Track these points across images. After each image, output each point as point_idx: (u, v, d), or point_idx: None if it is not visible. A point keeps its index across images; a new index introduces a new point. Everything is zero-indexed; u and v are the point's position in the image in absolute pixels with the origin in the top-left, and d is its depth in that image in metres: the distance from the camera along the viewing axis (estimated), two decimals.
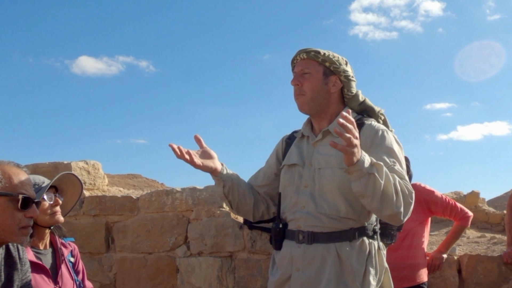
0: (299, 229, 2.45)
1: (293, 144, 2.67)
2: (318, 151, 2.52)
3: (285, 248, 2.51)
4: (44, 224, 2.41)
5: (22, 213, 1.79)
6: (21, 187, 1.80)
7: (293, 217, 2.49)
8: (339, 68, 2.52)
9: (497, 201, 17.44)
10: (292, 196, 2.52)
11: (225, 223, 3.88)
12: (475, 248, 6.87)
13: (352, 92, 2.58)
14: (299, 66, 2.56)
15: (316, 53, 2.53)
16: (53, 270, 2.42)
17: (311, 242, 2.40)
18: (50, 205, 2.41)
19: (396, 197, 2.20)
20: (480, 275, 3.62)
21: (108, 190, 4.76)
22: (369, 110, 2.60)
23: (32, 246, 2.38)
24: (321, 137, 2.53)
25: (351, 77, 2.57)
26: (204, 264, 3.88)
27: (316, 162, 2.50)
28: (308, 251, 2.40)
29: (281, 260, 2.51)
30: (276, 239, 2.54)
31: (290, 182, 2.56)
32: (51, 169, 4.31)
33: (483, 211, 12.39)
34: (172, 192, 4.11)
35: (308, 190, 2.47)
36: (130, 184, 17.81)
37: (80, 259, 2.67)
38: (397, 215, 2.24)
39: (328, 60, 2.52)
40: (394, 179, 2.22)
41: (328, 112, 2.56)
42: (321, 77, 2.52)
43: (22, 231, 1.81)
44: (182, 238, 4.03)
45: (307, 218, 2.43)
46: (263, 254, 3.79)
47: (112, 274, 4.20)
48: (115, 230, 4.22)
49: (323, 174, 2.44)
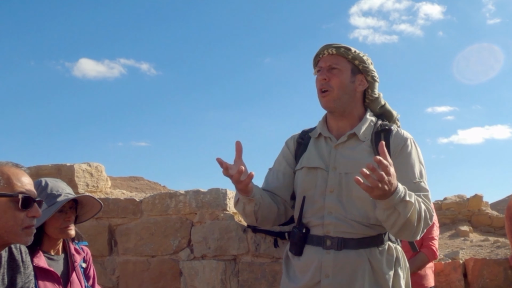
0: (327, 235, 2.38)
1: (310, 145, 2.57)
2: (342, 154, 2.44)
3: (309, 253, 2.42)
4: (54, 236, 2.39)
5: (24, 213, 1.78)
6: (21, 186, 1.78)
7: (319, 222, 2.41)
8: (368, 67, 2.47)
9: (499, 205, 17.43)
10: (317, 200, 2.44)
11: (229, 226, 3.86)
12: (479, 252, 6.85)
13: (375, 94, 2.53)
14: (326, 61, 2.48)
15: (346, 49, 2.46)
16: (64, 276, 2.40)
17: (340, 248, 2.34)
18: (63, 220, 2.39)
19: (417, 225, 2.19)
20: (486, 279, 3.59)
21: (111, 193, 4.73)
22: (387, 115, 2.56)
23: (44, 251, 2.36)
24: (346, 139, 2.45)
25: (376, 78, 2.52)
26: (207, 267, 3.86)
27: (341, 166, 2.42)
28: (339, 257, 2.34)
29: (305, 266, 2.42)
30: (298, 244, 2.45)
31: (312, 185, 2.47)
32: (53, 171, 4.29)
33: (486, 214, 12.39)
34: (175, 195, 4.08)
35: (335, 195, 2.40)
36: (132, 187, 17.80)
37: (92, 264, 2.65)
38: (412, 239, 2.29)
39: (358, 58, 2.46)
40: (420, 207, 2.19)
41: (352, 112, 2.50)
42: (349, 75, 2.45)
43: (25, 231, 1.80)
44: (186, 241, 4.01)
45: (337, 223, 2.37)
46: (267, 258, 3.77)
47: (115, 277, 4.18)
48: (118, 233, 4.20)
49: (351, 179, 2.32)
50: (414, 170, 2.32)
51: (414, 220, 2.15)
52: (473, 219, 11.71)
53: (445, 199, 12.62)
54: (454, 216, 11.92)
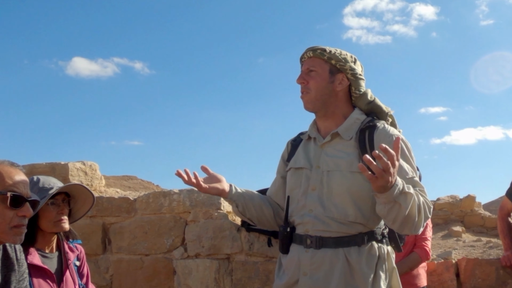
0: (307, 234, 2.41)
1: (299, 146, 2.63)
2: (326, 153, 2.48)
3: (292, 252, 2.47)
4: (48, 231, 2.38)
5: (13, 211, 1.77)
6: (12, 185, 1.78)
7: (300, 220, 2.45)
8: (345, 65, 2.48)
9: (492, 205, 17.51)
10: (300, 199, 2.48)
11: (223, 225, 3.86)
12: (471, 252, 6.89)
13: (360, 91, 2.53)
14: (305, 64, 2.54)
15: (322, 51, 2.49)
16: (58, 274, 2.39)
17: (319, 246, 2.37)
18: (56, 212, 2.38)
19: (418, 218, 2.19)
20: (478, 279, 3.61)
21: (105, 191, 4.73)
22: (377, 111, 2.55)
23: (38, 249, 2.35)
24: (330, 139, 2.49)
25: (358, 75, 2.52)
26: (201, 266, 3.86)
27: (324, 164, 2.46)
28: (316, 255, 2.37)
29: (288, 264, 2.48)
30: (283, 243, 2.51)
31: (297, 184, 2.52)
32: (48, 169, 4.28)
33: (479, 215, 12.41)
34: (169, 193, 4.09)
35: (316, 193, 2.43)
36: (125, 186, 17.78)
37: (85, 262, 2.65)
38: (414, 232, 2.27)
39: (334, 57, 2.48)
40: (419, 200, 2.19)
41: (335, 112, 2.52)
42: (327, 75, 2.49)
43: (14, 231, 1.78)
44: (179, 240, 4.01)
45: (315, 222, 2.40)
46: (260, 257, 3.78)
47: (108, 275, 4.18)
48: (112, 231, 4.20)
49: (332, 177, 2.40)
50: (403, 167, 2.31)
51: (415, 213, 2.15)
52: (466, 219, 11.75)
53: (438, 200, 12.66)
54: (447, 217, 11.95)
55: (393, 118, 2.60)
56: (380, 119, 2.54)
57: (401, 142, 2.38)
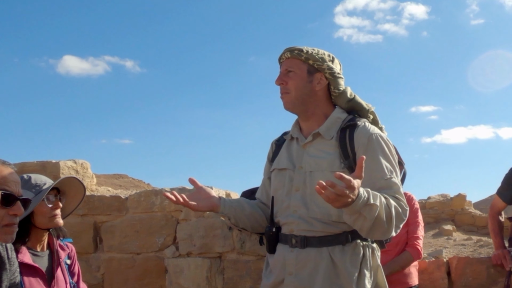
0: (292, 233, 2.43)
1: (283, 147, 2.64)
2: (308, 153, 2.49)
3: (278, 252, 2.49)
4: (42, 227, 2.37)
5: (4, 210, 1.75)
6: (3, 183, 1.76)
7: (285, 221, 2.47)
8: (323, 65, 2.49)
9: (482, 204, 17.63)
10: (284, 199, 2.50)
11: (214, 223, 3.86)
12: (462, 251, 6.92)
13: (339, 89, 2.53)
14: (284, 65, 2.55)
15: (299, 51, 2.50)
16: (48, 273, 2.38)
17: (304, 246, 2.39)
18: (50, 208, 2.37)
19: (388, 225, 2.20)
20: (469, 278, 3.63)
21: (97, 190, 4.72)
22: (358, 108, 2.55)
23: (29, 247, 2.34)
24: (311, 139, 2.50)
25: (336, 74, 2.52)
26: (192, 264, 3.86)
27: (306, 164, 2.47)
28: (301, 255, 2.39)
29: (274, 263, 2.50)
30: (270, 243, 2.53)
31: (281, 185, 2.54)
32: (38, 168, 4.26)
33: (469, 213, 12.48)
34: (161, 192, 4.07)
35: (299, 194, 2.45)
36: (116, 184, 17.72)
37: (76, 260, 2.64)
38: (386, 237, 2.30)
39: (311, 57, 2.49)
40: (389, 206, 2.19)
41: (316, 112, 2.53)
42: (305, 75, 2.49)
43: (5, 229, 1.75)
44: (171, 238, 4.00)
45: (299, 222, 2.41)
46: (252, 255, 3.78)
47: (99, 274, 4.16)
48: (103, 230, 4.18)
49: (314, 177, 2.40)
50: (382, 167, 2.32)
51: (383, 220, 2.16)
52: (457, 218, 11.81)
53: (428, 198, 12.72)
54: (438, 215, 12.01)
55: (375, 115, 2.59)
56: (362, 117, 2.54)
57: (381, 140, 2.41)
